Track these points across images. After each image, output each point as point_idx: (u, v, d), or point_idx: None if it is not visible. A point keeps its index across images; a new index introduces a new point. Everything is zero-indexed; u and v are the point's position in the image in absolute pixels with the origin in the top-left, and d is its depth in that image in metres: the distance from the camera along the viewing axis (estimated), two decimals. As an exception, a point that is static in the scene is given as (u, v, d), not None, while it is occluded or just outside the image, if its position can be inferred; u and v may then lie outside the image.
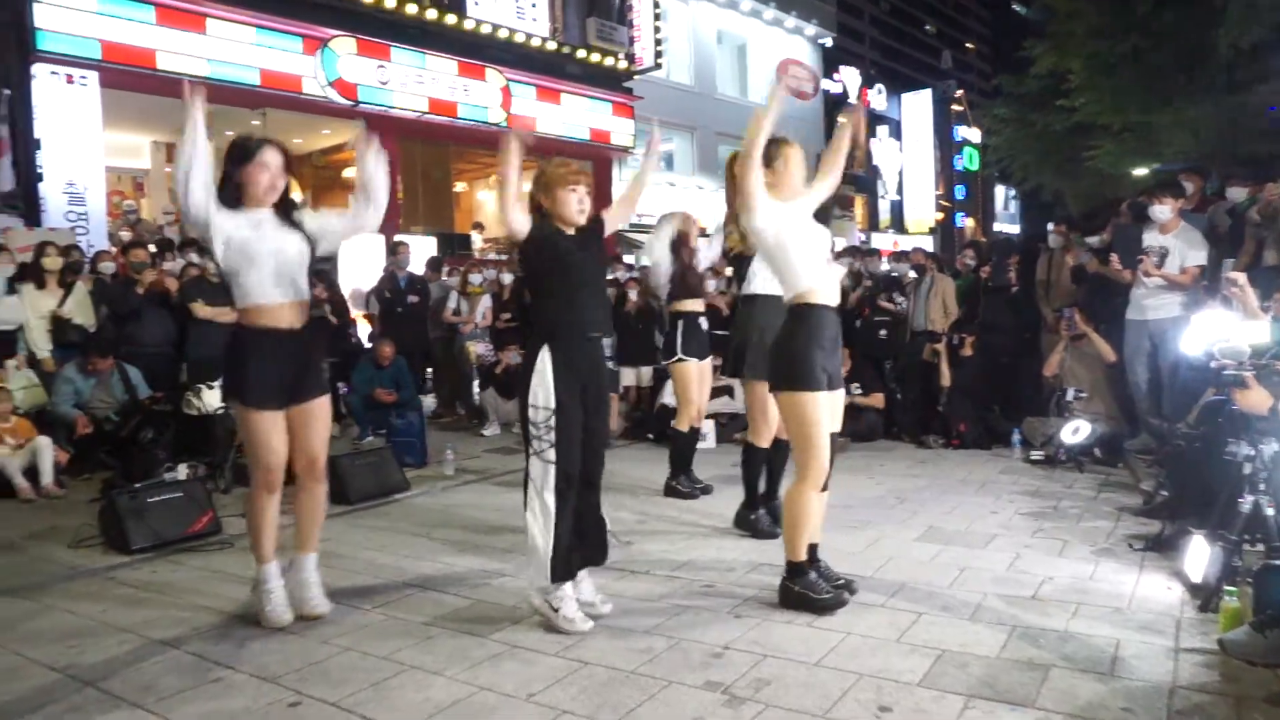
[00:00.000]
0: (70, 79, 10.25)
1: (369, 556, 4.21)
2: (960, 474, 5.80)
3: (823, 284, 3.26)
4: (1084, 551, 3.93)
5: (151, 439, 6.23)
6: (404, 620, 3.26)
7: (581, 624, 3.07)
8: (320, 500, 3.39)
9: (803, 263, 3.25)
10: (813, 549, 3.37)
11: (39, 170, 10.08)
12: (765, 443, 4.36)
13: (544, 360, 3.07)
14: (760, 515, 4.35)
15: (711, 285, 6.65)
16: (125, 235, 9.67)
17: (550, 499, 3.05)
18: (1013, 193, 38.79)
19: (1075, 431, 5.89)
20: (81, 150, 10.35)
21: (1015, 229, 37.95)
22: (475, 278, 9.11)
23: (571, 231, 3.19)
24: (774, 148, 3.42)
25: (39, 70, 10.10)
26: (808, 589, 3.22)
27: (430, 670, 2.81)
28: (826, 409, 3.20)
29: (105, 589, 3.80)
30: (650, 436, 7.52)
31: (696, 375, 5.29)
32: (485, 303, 9.03)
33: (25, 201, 10.18)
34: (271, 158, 3.16)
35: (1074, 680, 2.61)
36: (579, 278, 3.13)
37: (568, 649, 2.95)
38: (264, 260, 3.10)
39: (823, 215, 3.58)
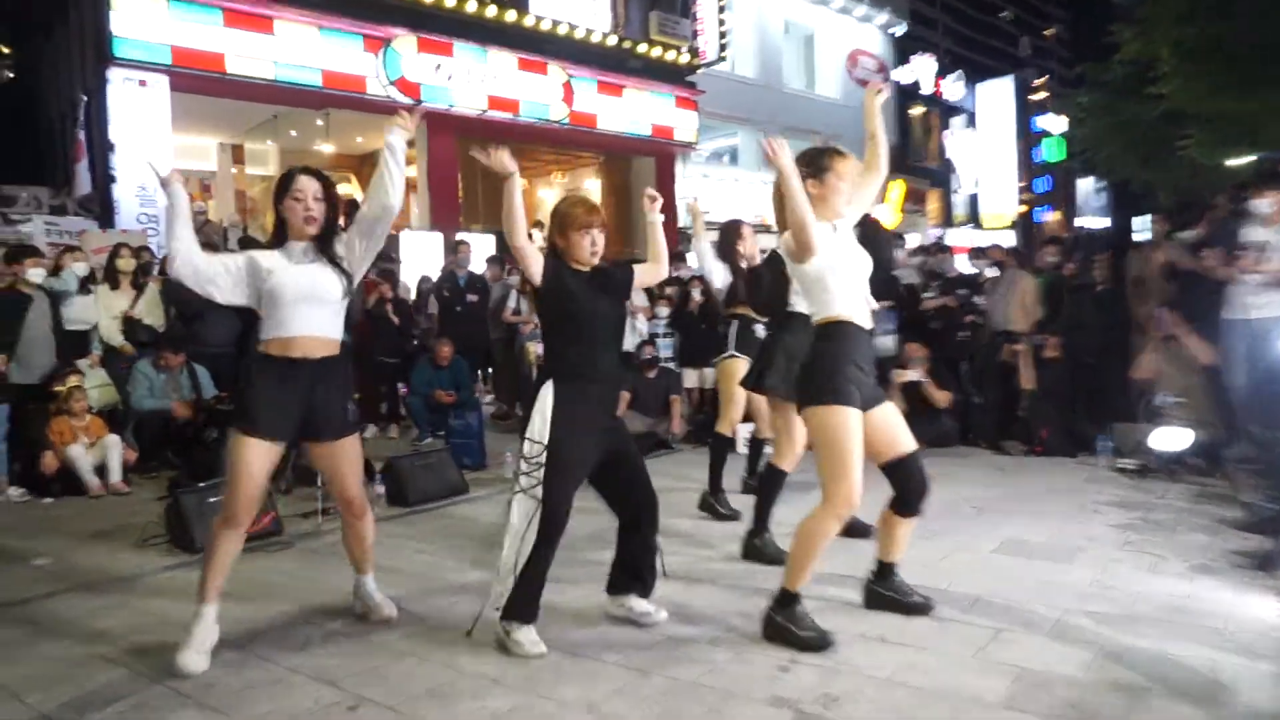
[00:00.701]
0: (143, 83, 10.66)
1: (427, 560, 4.26)
2: (1042, 483, 5.64)
3: (858, 309, 3.10)
4: (1179, 567, 3.77)
5: (216, 439, 6.43)
6: (461, 626, 3.28)
7: (531, 649, 2.97)
8: (368, 531, 3.42)
9: (841, 292, 3.09)
10: (889, 567, 3.33)
11: (113, 173, 10.52)
12: (789, 466, 4.16)
13: (546, 394, 3.03)
14: (767, 539, 4.12)
15: None
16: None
17: (531, 539, 2.95)
18: (1100, 185, 37.57)
19: (1168, 438, 5.69)
20: (152, 154, 10.73)
21: (1103, 223, 36.75)
22: (536, 277, 9.16)
23: (586, 270, 3.16)
24: (824, 158, 3.17)
25: (114, 75, 10.53)
26: (791, 622, 3.01)
27: (489, 677, 2.83)
28: (859, 429, 2.99)
29: (170, 588, 3.93)
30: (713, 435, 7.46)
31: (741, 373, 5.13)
32: (546, 302, 9.05)
33: (100, 204, 10.65)
34: (306, 185, 3.11)
35: (1167, 705, 2.50)
36: (591, 331, 3.10)
37: (628, 658, 2.94)
38: (293, 296, 3.05)
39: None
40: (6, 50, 18.50)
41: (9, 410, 6.05)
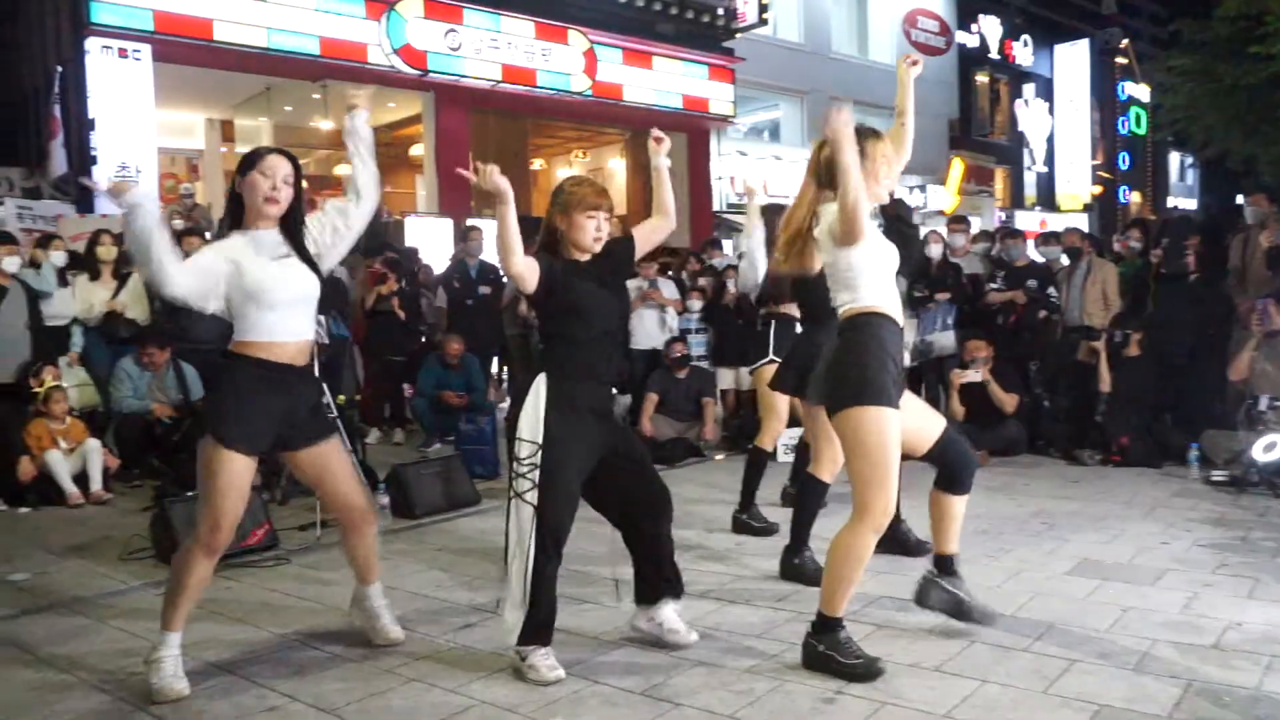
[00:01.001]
0: (123, 53, 10.84)
1: (435, 578, 4.31)
2: (1122, 496, 5.59)
3: (892, 300, 3.14)
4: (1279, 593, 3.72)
5: (205, 444, 6.52)
6: (473, 650, 3.33)
7: (549, 674, 3.00)
8: (373, 537, 3.43)
9: (878, 281, 3.11)
10: (948, 560, 3.35)
11: (92, 153, 10.69)
12: (829, 476, 4.17)
13: (538, 389, 3.05)
14: (806, 557, 4.11)
15: None
16: (178, 224, 10.16)
17: (532, 553, 2.98)
18: (1190, 161, 37.00)
19: (1270, 447, 5.61)
20: (134, 131, 10.93)
21: (1190, 204, 36.21)
22: (555, 266, 9.17)
23: (585, 258, 3.19)
24: (861, 141, 3.12)
25: (92, 45, 10.70)
26: (834, 650, 3.00)
27: (502, 706, 2.86)
28: (898, 432, 3.01)
29: (157, 605, 3.97)
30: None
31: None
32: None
33: (77, 186, 10.84)
34: (276, 164, 3.07)
35: (1265, 747, 2.48)
36: (593, 328, 3.12)
37: (656, 687, 2.96)
38: (265, 293, 3.01)
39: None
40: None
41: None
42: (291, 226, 3.13)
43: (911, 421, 3.15)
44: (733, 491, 5.25)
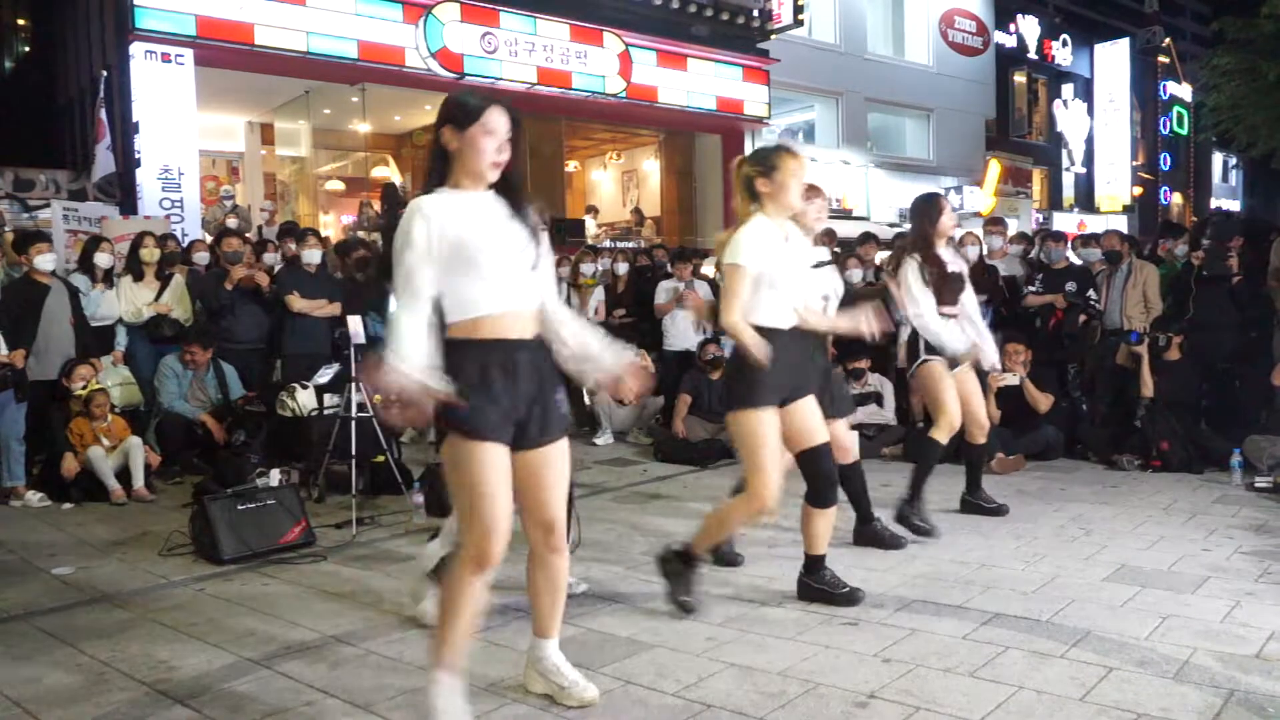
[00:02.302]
0: (166, 58, 11.02)
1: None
2: (1162, 501, 5.51)
3: (785, 316, 3.58)
4: (1324, 602, 3.65)
5: (243, 442, 6.63)
6: (508, 648, 3.34)
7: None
8: (561, 574, 2.86)
9: (767, 302, 3.55)
10: (816, 560, 3.79)
11: (136, 155, 10.89)
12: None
13: None
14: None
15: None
16: (231, 222, 10.31)
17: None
18: (1234, 162, 36.36)
19: (1313, 454, 5.50)
20: (176, 134, 11.11)
21: (1233, 205, 35.58)
22: (587, 268, 9.14)
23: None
24: (774, 156, 3.62)
25: (136, 50, 10.90)
26: (674, 581, 3.74)
27: (536, 707, 2.88)
28: (775, 431, 3.55)
29: (196, 601, 4.07)
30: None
31: (947, 375, 4.93)
32: (598, 296, 9.06)
33: (121, 188, 11.04)
34: (499, 122, 2.65)
35: (1309, 759, 2.43)
36: None
37: (687, 689, 2.96)
38: (490, 259, 2.59)
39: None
40: (23, 22, 19.29)
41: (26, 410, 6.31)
42: (508, 185, 2.71)
43: (795, 425, 3.62)
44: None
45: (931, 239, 4.91)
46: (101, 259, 7.34)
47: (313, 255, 7.37)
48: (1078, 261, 8.16)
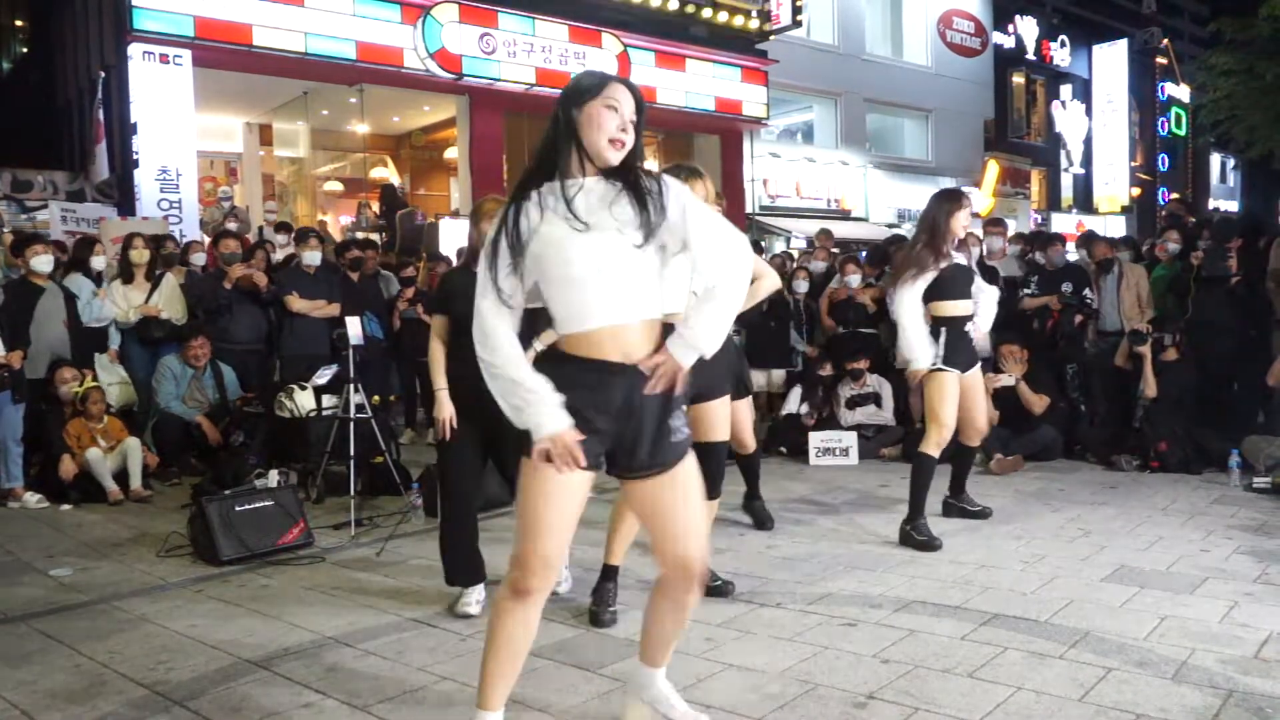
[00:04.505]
0: (165, 59, 11.02)
1: (468, 577, 4.33)
2: (1160, 502, 5.51)
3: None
4: (1322, 602, 3.65)
5: (242, 442, 6.63)
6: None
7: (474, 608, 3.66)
8: (686, 612, 2.53)
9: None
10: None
11: (134, 156, 10.88)
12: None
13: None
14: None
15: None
16: (231, 224, 10.30)
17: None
18: (1232, 163, 36.38)
19: (1311, 454, 5.50)
20: (174, 134, 11.11)
21: (1231, 206, 35.61)
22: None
23: None
24: (680, 177, 2.96)
25: (134, 51, 10.90)
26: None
27: (536, 707, 2.87)
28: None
29: (194, 602, 4.07)
30: (783, 450, 7.46)
31: (954, 389, 4.83)
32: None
33: (120, 189, 11.05)
34: (624, 97, 2.31)
35: (1307, 760, 2.43)
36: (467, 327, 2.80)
37: (686, 689, 2.95)
38: (589, 266, 2.24)
39: None
40: (22, 23, 19.28)
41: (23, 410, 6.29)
42: (628, 173, 2.32)
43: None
44: (772, 490, 5.24)
45: (941, 230, 4.75)
46: (96, 261, 7.33)
47: (313, 256, 7.37)
48: (1073, 258, 8.17)
